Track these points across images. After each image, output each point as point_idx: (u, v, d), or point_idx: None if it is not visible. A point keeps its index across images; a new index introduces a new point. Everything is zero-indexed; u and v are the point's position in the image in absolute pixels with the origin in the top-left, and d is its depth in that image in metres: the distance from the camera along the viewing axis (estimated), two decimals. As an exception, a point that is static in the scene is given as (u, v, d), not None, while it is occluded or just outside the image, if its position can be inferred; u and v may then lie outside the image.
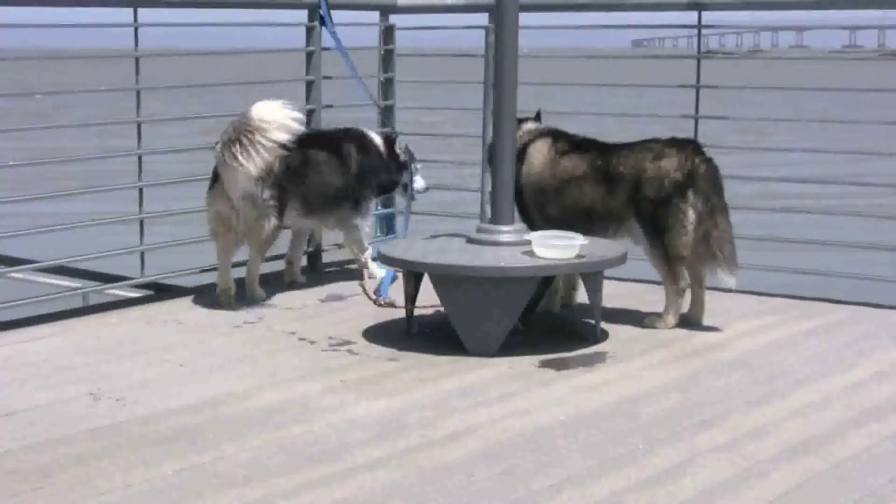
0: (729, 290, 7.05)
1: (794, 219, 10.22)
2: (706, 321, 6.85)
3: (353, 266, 8.17)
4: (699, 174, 6.64)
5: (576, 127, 7.25)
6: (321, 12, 8.16)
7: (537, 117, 7.30)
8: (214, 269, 7.39)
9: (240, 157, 6.96)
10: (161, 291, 7.87)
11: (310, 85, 8.31)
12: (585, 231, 6.54)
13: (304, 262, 8.27)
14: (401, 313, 6.70)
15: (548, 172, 7.01)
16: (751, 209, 8.67)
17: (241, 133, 6.97)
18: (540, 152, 7.06)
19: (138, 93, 7.59)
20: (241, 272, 7.41)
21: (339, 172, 7.63)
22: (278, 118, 7.00)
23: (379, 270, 7.66)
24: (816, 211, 8.27)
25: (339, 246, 8.42)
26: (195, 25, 8.41)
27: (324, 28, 8.18)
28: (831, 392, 5.64)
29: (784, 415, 5.29)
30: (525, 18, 6.85)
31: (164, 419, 5.18)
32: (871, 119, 8.23)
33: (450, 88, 9.27)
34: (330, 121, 8.36)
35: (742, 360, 6.19)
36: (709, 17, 8.13)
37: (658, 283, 6.94)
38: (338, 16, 8.24)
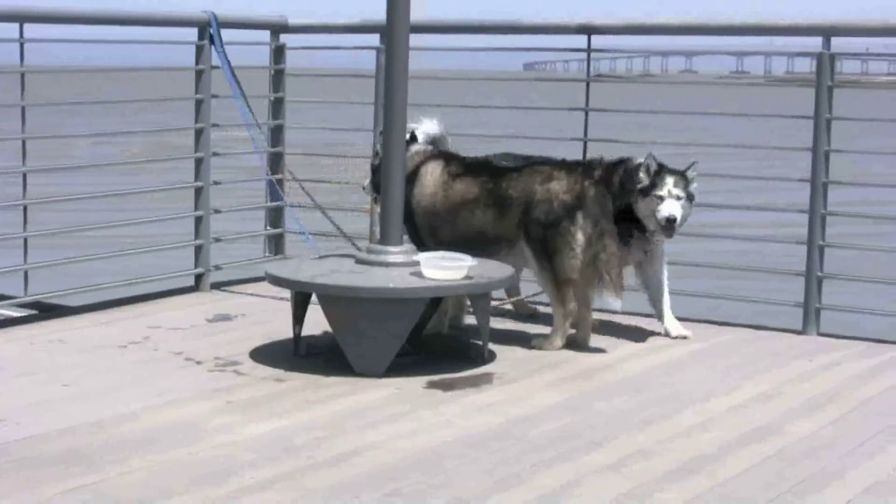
0: (615, 312, 7.13)
1: (684, 241, 10.33)
2: (593, 343, 6.89)
3: (237, 286, 8.17)
4: (588, 197, 6.69)
5: (467, 149, 7.28)
6: (211, 31, 8.10)
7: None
8: (99, 288, 7.29)
9: None
10: (45, 311, 7.76)
11: (199, 104, 8.25)
12: (477, 254, 6.55)
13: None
14: (289, 333, 6.65)
15: (441, 195, 7.02)
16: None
17: None
18: (432, 175, 7.07)
19: (23, 109, 7.48)
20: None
21: None
22: None
23: None
24: (706, 234, 8.34)
25: None
26: (82, 42, 8.27)
27: (213, 47, 8.12)
28: (716, 413, 5.71)
29: (670, 435, 5.34)
30: (416, 40, 6.86)
31: (48, 441, 5.10)
32: (760, 144, 8.34)
33: (341, 109, 9.26)
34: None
35: (629, 382, 6.24)
36: (598, 41, 8.20)
37: (546, 304, 6.97)
38: (229, 34, 8.19)
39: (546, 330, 6.90)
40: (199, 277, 8.32)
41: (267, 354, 6.59)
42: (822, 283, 7.40)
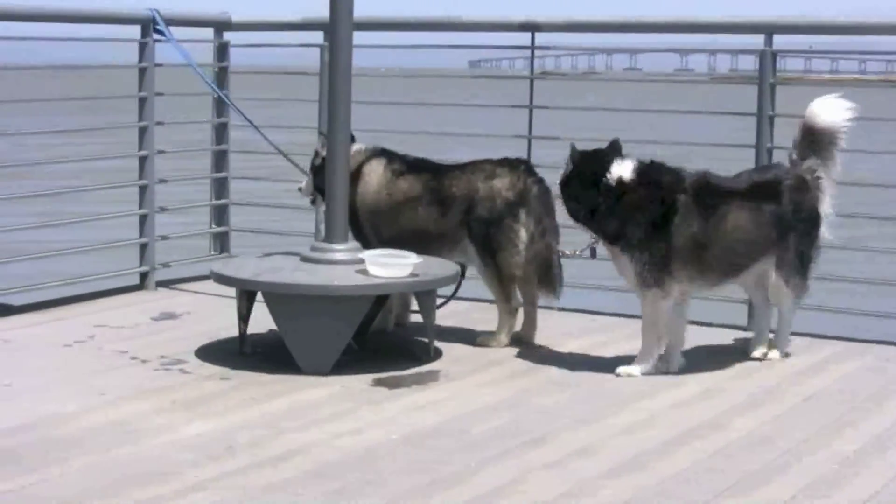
0: (561, 309, 7.16)
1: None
2: (538, 340, 6.91)
3: (183, 285, 8.15)
4: (531, 194, 6.71)
5: (413, 147, 7.28)
6: (159, 27, 8.04)
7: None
8: (43, 287, 7.24)
9: None
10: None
11: (143, 102, 8.20)
12: (421, 252, 6.55)
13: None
14: (235, 332, 6.62)
15: (384, 193, 7.01)
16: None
17: None
18: (375, 173, 7.06)
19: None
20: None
21: None
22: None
23: None
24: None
25: None
26: (21, 39, 8.19)
27: (165, 42, 8.04)
28: (657, 410, 5.73)
29: (612, 433, 5.36)
30: (360, 37, 6.86)
31: (-12, 440, 5.08)
32: (704, 141, 8.36)
33: (286, 106, 9.24)
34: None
35: (572, 380, 6.25)
36: (542, 38, 8.21)
37: (491, 302, 6.99)
38: (172, 32, 8.15)
39: (491, 327, 6.90)
40: (144, 276, 8.27)
41: (212, 353, 6.57)
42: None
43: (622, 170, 6.28)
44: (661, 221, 6.22)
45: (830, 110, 6.48)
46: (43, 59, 9.25)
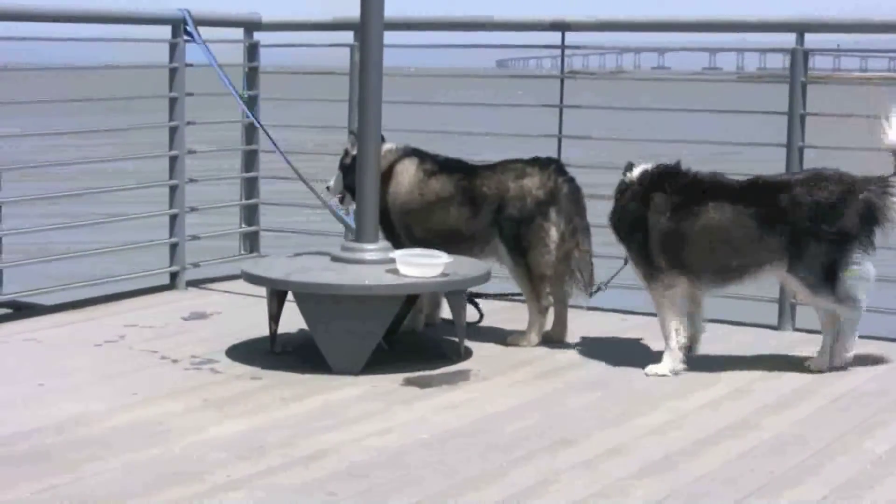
0: (592, 308, 7.14)
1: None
2: (569, 339, 6.90)
3: (213, 284, 8.17)
4: (561, 193, 6.70)
5: (442, 147, 7.28)
6: (188, 28, 8.07)
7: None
8: (73, 286, 7.27)
9: None
10: (20, 310, 7.73)
11: (173, 102, 8.23)
12: (453, 252, 6.55)
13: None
14: (265, 331, 6.63)
15: (416, 193, 7.01)
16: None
17: None
18: (407, 173, 7.07)
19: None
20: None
21: None
22: None
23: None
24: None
25: None
26: (53, 40, 8.20)
27: (193, 43, 8.07)
28: (688, 410, 5.72)
29: (643, 433, 5.35)
30: (390, 37, 6.86)
31: (22, 439, 5.10)
32: (734, 140, 8.34)
33: (316, 106, 9.26)
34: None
35: (602, 379, 6.25)
36: (572, 37, 8.20)
37: (522, 301, 6.99)
38: (202, 32, 8.17)
39: (522, 327, 6.90)
40: (174, 275, 8.29)
41: (243, 352, 6.59)
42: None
43: (628, 175, 6.53)
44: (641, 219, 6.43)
45: None
46: (65, 60, 9.27)
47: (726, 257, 6.37)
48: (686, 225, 6.34)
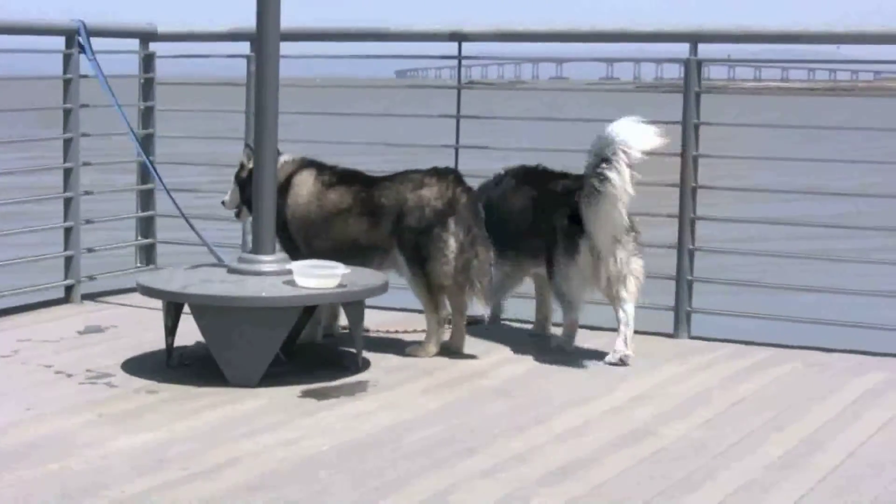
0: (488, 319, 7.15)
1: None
2: (467, 349, 6.90)
3: (109, 297, 8.07)
4: (460, 203, 6.70)
5: (340, 158, 7.26)
6: (80, 39, 7.97)
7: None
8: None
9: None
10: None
11: (67, 113, 8.13)
12: (353, 263, 6.53)
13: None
14: (162, 344, 6.57)
15: (315, 204, 6.99)
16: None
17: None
18: (305, 184, 7.04)
19: None
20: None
21: None
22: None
23: None
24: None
25: None
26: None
27: (83, 55, 7.98)
28: (591, 417, 5.75)
29: (545, 440, 5.37)
30: (289, 47, 6.83)
31: (-88, 458, 5.01)
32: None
33: (212, 117, 9.20)
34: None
35: (503, 388, 6.26)
36: (469, 48, 8.21)
37: (420, 312, 6.98)
38: (97, 43, 8.06)
39: (420, 337, 6.90)
40: (69, 289, 8.19)
41: (139, 366, 6.52)
42: (693, 287, 7.49)
43: None
44: None
45: None
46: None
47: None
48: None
